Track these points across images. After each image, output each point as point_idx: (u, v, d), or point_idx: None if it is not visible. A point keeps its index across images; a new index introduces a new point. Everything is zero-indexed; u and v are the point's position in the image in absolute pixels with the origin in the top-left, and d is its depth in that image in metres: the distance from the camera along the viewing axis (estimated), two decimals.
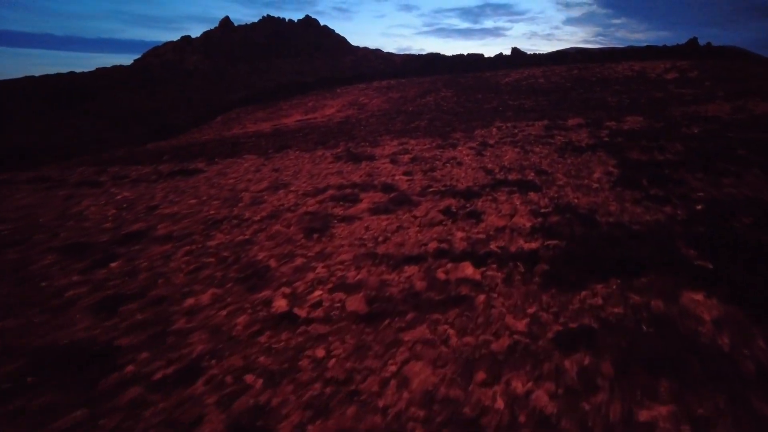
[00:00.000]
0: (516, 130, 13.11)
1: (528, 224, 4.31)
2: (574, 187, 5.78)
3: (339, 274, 3.62)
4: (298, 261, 3.95)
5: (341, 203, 5.87)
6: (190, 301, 3.33)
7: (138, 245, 4.76)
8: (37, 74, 74.51)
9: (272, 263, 3.96)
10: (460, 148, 10.48)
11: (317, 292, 3.29)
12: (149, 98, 71.26)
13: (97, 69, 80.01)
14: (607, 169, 6.80)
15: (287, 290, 3.37)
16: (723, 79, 24.65)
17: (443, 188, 6.25)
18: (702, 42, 44.30)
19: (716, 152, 7.65)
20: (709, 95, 18.62)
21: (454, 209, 5.15)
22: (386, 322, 2.81)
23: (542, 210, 4.80)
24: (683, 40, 42.89)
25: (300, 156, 11.60)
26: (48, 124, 62.97)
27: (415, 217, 4.97)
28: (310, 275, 3.63)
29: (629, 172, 6.46)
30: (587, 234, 4.05)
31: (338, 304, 3.08)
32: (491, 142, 10.90)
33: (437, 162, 8.50)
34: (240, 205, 6.29)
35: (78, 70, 76.51)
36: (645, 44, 44.15)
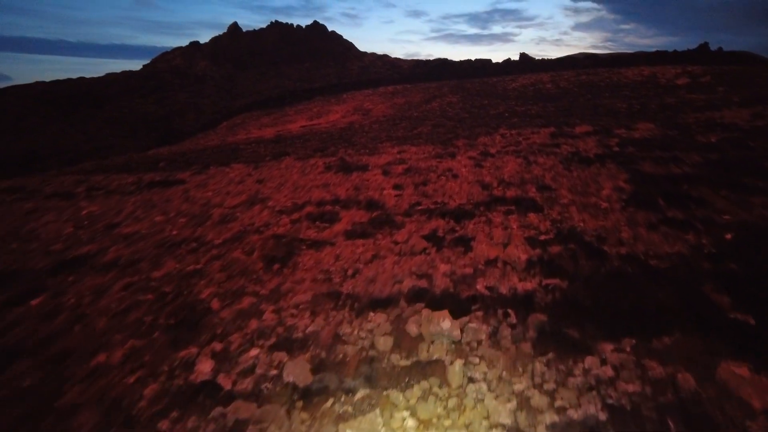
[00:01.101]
0: (520, 138, 12.42)
1: (524, 256, 3.62)
2: (579, 207, 5.08)
3: (289, 322, 2.95)
4: (246, 302, 3.30)
5: (317, 223, 5.22)
6: (99, 358, 2.69)
7: (75, 275, 4.14)
8: (47, 80, 75.26)
9: (215, 304, 3.31)
10: (459, 157, 9.81)
11: (254, 351, 2.63)
12: (157, 103, 71.59)
13: (107, 74, 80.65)
14: (618, 184, 6.08)
15: (218, 346, 2.71)
16: (737, 85, 23.79)
17: (433, 206, 5.58)
18: (713, 47, 43.33)
19: (740, 165, 6.91)
20: (724, 101, 17.80)
21: (440, 233, 4.48)
22: (328, 403, 2.15)
23: (542, 237, 4.11)
24: (693, 45, 41.95)
25: (291, 165, 11.00)
26: (57, 129, 63.41)
27: (395, 243, 4.30)
28: (254, 323, 2.97)
29: (642, 189, 5.75)
30: (594, 270, 3.36)
31: (275, 371, 2.42)
32: (492, 151, 10.21)
33: (432, 174, 7.83)
34: (207, 223, 5.66)
35: (89, 75, 77.11)
36: (654, 49, 43.23)
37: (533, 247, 3.83)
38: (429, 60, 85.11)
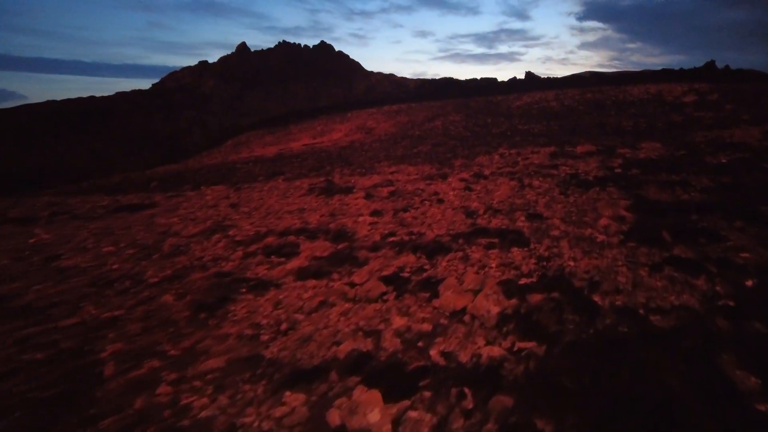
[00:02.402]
0: (519, 158, 11.82)
1: (496, 309, 2.96)
2: (572, 240, 4.41)
3: (184, 400, 2.31)
4: (146, 367, 2.66)
5: (271, 258, 4.59)
6: None
7: None
8: (59, 99, 76.50)
9: (109, 369, 2.68)
10: (450, 179, 9.21)
11: None
12: (164, 121, 72.25)
13: (117, 93, 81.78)
14: (618, 212, 5.41)
15: None
16: (745, 102, 23.07)
17: (407, 238, 4.93)
18: (719, 65, 42.56)
19: (754, 189, 6.22)
20: (733, 119, 17.11)
21: (406, 273, 3.83)
22: None
23: (522, 281, 3.44)
24: (699, 64, 41.18)
25: (275, 187, 10.46)
26: (66, 147, 64.09)
27: (351, 286, 3.66)
28: (140, 401, 2.33)
29: (646, 218, 5.07)
30: (581, 331, 2.68)
31: None
32: (487, 172, 9.60)
33: (416, 198, 7.22)
34: (154, 256, 5.07)
35: (102, 94, 78.20)
36: (661, 67, 42.67)
37: (509, 295, 3.16)
38: (435, 79, 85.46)
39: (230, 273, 4.19)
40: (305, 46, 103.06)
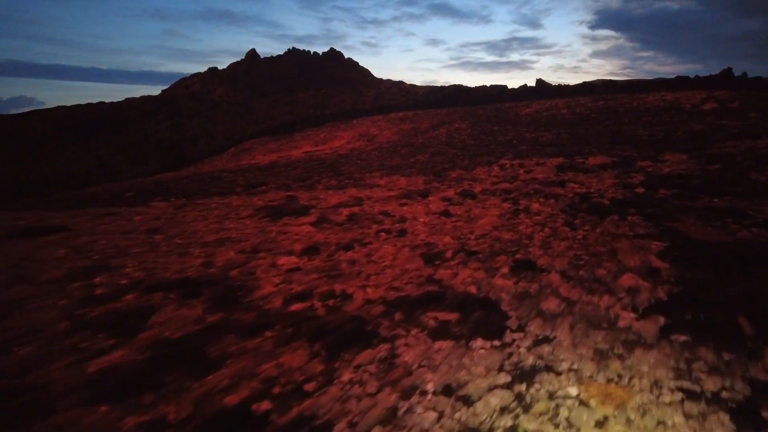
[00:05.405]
0: (521, 170, 10.11)
1: None
2: (577, 323, 2.65)
3: None
4: None
5: (98, 337, 2.90)
6: None
7: None
8: (69, 104, 76.15)
9: None
10: (431, 197, 7.50)
11: None
12: (171, 129, 71.66)
13: (126, 99, 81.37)
14: (648, 260, 3.63)
15: None
16: None
17: (320, 306, 3.19)
18: (736, 74, 39.98)
19: None
20: (762, 128, 15.23)
21: (265, 405, 2.09)
22: None
23: None
24: (715, 73, 38.77)
25: (224, 204, 8.83)
26: (72, 155, 63.68)
27: None
28: None
29: (693, 276, 3.29)
30: None
31: None
32: (477, 189, 7.86)
33: (374, 227, 5.49)
34: None
35: (115, 100, 77.69)
36: (674, 76, 40.43)
37: None
38: (444, 86, 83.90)
39: (4, 374, 2.50)
40: (315, 53, 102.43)
